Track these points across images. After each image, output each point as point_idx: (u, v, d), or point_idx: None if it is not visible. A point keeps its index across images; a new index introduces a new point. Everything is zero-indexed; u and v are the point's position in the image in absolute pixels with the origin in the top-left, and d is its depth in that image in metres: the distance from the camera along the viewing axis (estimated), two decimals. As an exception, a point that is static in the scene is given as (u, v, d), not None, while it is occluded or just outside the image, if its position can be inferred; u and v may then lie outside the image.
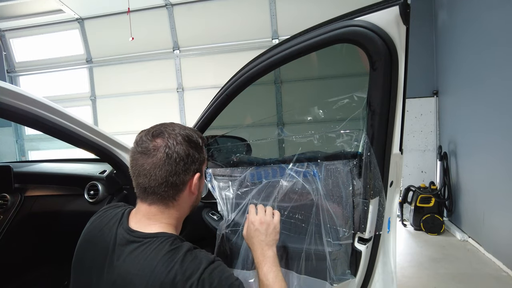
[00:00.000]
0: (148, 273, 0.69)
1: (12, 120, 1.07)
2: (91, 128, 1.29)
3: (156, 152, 0.75)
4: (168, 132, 0.78)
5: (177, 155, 0.76)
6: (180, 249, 0.73)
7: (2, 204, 1.58)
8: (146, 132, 0.79)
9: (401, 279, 2.76)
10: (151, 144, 0.76)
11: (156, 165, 0.74)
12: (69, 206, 1.56)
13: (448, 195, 3.85)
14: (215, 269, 0.72)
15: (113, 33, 5.13)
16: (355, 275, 1.08)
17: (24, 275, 1.65)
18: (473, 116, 3.36)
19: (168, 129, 0.78)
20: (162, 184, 0.76)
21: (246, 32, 4.76)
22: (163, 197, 0.78)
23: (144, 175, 0.76)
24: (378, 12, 0.88)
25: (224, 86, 1.22)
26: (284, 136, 1.22)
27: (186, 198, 0.82)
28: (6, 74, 5.56)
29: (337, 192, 1.06)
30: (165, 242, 0.73)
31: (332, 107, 1.10)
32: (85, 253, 0.83)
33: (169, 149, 0.75)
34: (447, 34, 3.95)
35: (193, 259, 0.72)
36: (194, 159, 0.79)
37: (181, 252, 0.72)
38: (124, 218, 0.82)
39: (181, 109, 5.14)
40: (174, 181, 0.76)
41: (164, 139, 0.76)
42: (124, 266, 0.72)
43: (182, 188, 0.79)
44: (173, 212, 0.81)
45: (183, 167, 0.77)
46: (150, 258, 0.71)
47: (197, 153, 0.80)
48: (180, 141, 0.77)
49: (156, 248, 0.72)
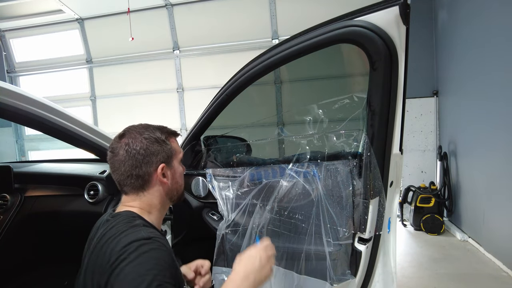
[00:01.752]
0: (107, 242, 0.78)
1: (12, 120, 1.07)
2: (91, 128, 1.29)
3: (119, 150, 0.88)
4: (130, 131, 0.90)
5: (136, 151, 0.87)
6: (131, 224, 0.82)
7: (2, 204, 1.58)
8: (116, 135, 0.92)
9: (401, 279, 2.76)
10: (117, 145, 0.89)
11: (120, 161, 0.87)
12: (69, 206, 1.56)
13: (448, 195, 3.85)
14: (140, 247, 0.74)
15: (113, 33, 5.12)
16: (355, 275, 1.08)
17: (24, 275, 1.65)
18: (473, 116, 3.36)
19: (131, 129, 0.91)
20: (128, 177, 0.88)
21: (246, 32, 4.76)
22: (133, 187, 0.90)
23: (115, 172, 0.89)
24: (378, 12, 0.88)
25: (224, 86, 1.22)
26: (284, 136, 1.22)
27: (156, 187, 0.91)
28: (6, 74, 5.56)
29: (337, 192, 1.06)
30: (123, 217, 0.85)
31: (332, 107, 1.11)
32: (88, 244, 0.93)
33: (128, 147, 0.87)
34: (447, 34, 3.95)
35: (133, 232, 0.79)
36: (153, 152, 0.89)
37: (130, 226, 0.81)
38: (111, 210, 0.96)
39: (181, 109, 5.14)
40: (138, 173, 0.88)
41: (126, 138, 0.89)
42: (97, 239, 0.83)
43: (149, 179, 0.89)
44: (146, 199, 0.91)
45: (142, 160, 0.87)
46: (109, 229, 0.82)
47: (156, 147, 0.90)
48: (138, 138, 0.88)
49: (116, 222, 0.83)
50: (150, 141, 0.89)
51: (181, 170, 1.00)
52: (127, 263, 0.71)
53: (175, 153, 0.96)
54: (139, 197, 0.91)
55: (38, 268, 1.69)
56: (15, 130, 5.73)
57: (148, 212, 0.91)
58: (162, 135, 0.93)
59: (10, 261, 1.57)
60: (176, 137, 0.99)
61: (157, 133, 0.92)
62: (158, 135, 0.92)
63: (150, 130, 0.92)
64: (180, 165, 1.00)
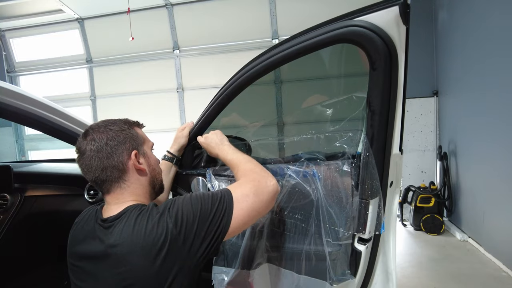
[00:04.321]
0: (128, 244, 0.77)
1: (12, 120, 1.07)
2: (91, 128, 1.29)
3: (86, 147, 0.85)
4: (92, 128, 0.88)
5: (103, 142, 0.85)
6: (146, 210, 0.82)
7: (2, 204, 1.57)
8: (79, 138, 0.90)
9: (401, 279, 2.76)
10: (83, 143, 0.86)
11: (90, 157, 0.85)
12: (69, 206, 1.56)
13: (448, 195, 3.85)
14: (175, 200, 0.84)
15: (113, 33, 5.12)
16: (355, 275, 1.08)
17: (24, 275, 1.65)
18: (473, 116, 3.36)
19: (92, 126, 0.90)
20: (103, 170, 0.85)
21: (246, 32, 4.76)
22: (113, 181, 0.87)
23: (88, 172, 0.86)
24: (378, 12, 0.88)
25: (224, 86, 1.21)
26: (284, 136, 1.22)
27: (135, 176, 0.90)
28: (6, 74, 5.56)
29: (337, 192, 1.05)
30: (133, 212, 0.82)
31: (332, 107, 1.11)
32: (75, 252, 0.90)
33: (94, 141, 0.85)
34: (447, 34, 3.95)
35: (156, 210, 0.82)
36: (121, 141, 0.87)
37: (148, 212, 0.82)
38: (98, 213, 0.90)
39: (181, 109, 5.14)
40: (111, 164, 0.85)
41: (90, 135, 0.87)
42: (109, 245, 0.80)
43: (124, 168, 0.87)
44: (132, 190, 0.89)
45: (111, 150, 0.85)
46: (125, 231, 0.79)
47: (122, 135, 0.88)
48: (102, 131, 0.87)
49: (127, 221, 0.81)
50: (114, 131, 0.88)
51: (155, 157, 0.99)
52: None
53: (144, 140, 0.95)
54: (125, 190, 0.88)
55: (38, 268, 1.69)
56: (15, 130, 5.72)
57: (141, 203, 0.89)
58: (125, 125, 0.92)
59: (10, 261, 1.57)
60: (140, 127, 0.98)
61: (120, 124, 0.91)
62: (121, 125, 0.91)
63: (112, 122, 0.91)
64: (153, 154, 0.98)
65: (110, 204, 0.88)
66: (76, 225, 0.95)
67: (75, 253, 0.89)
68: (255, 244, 1.14)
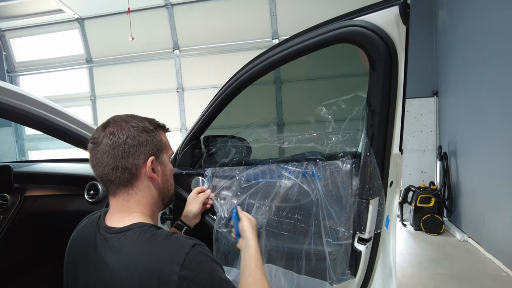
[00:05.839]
0: (129, 265, 0.70)
1: (12, 120, 1.07)
2: (91, 128, 1.29)
3: (103, 139, 0.77)
4: (115, 120, 0.80)
5: (122, 140, 0.77)
6: (157, 236, 0.74)
7: (2, 204, 1.57)
8: (98, 127, 0.82)
9: (401, 279, 2.76)
10: (101, 134, 0.78)
11: (104, 151, 0.76)
12: (69, 206, 1.56)
13: (448, 195, 3.85)
14: (197, 255, 0.72)
15: (113, 33, 5.12)
16: (355, 275, 1.08)
17: (24, 275, 1.65)
18: (473, 116, 3.36)
19: (115, 118, 0.81)
20: (113, 169, 0.77)
21: (246, 32, 4.76)
22: (120, 183, 0.79)
23: (97, 165, 0.78)
24: (377, 12, 0.89)
25: (224, 86, 1.22)
26: (284, 136, 1.22)
27: (146, 183, 0.82)
28: (6, 74, 5.56)
29: (337, 192, 1.06)
30: (140, 232, 0.74)
31: (332, 107, 1.11)
32: (72, 260, 0.86)
33: (113, 136, 0.77)
34: (447, 34, 3.95)
35: (172, 243, 0.72)
36: (141, 142, 0.79)
37: (158, 239, 0.73)
38: (101, 219, 0.83)
39: (181, 109, 5.14)
40: (124, 164, 0.77)
41: (110, 127, 0.78)
42: (107, 263, 0.73)
43: (136, 173, 0.79)
44: (139, 199, 0.81)
45: (129, 150, 0.77)
46: (128, 251, 0.72)
47: (145, 136, 0.80)
48: (124, 126, 0.79)
49: (132, 240, 0.73)
50: (138, 129, 0.79)
51: (171, 167, 0.90)
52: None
53: (165, 147, 0.87)
54: (132, 197, 0.80)
55: (38, 268, 1.69)
56: (15, 130, 5.72)
57: (149, 216, 0.83)
58: (151, 126, 0.84)
59: (10, 261, 1.57)
60: (165, 131, 0.89)
61: (145, 122, 0.83)
62: (146, 125, 0.82)
63: (138, 119, 0.83)
64: (170, 163, 0.91)
65: (114, 211, 0.82)
66: (76, 233, 0.90)
67: (71, 262, 0.87)
68: (255, 244, 1.14)
